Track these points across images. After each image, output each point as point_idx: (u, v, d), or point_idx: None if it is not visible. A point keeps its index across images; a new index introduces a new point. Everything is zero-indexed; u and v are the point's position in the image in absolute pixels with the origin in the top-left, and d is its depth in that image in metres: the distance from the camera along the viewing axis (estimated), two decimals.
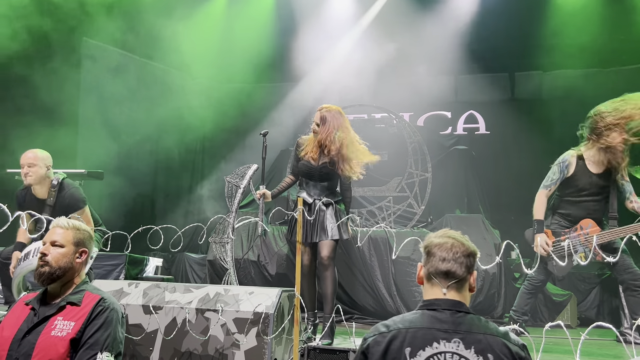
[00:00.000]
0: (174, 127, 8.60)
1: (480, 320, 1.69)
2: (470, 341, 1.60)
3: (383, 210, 6.68)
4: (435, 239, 1.80)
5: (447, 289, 1.72)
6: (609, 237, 3.60)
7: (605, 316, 6.01)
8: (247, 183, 3.84)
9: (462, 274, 1.74)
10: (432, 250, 1.78)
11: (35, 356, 2.04)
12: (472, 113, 8.73)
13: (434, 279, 1.74)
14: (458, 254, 1.75)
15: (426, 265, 1.79)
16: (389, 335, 1.65)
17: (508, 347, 1.61)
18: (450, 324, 1.65)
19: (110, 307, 2.20)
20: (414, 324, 1.66)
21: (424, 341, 1.61)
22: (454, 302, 1.71)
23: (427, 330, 1.63)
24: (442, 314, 1.68)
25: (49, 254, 2.23)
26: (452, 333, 1.62)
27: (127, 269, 5.40)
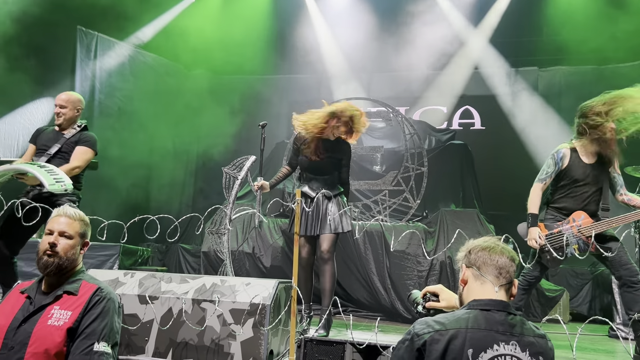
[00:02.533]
0: (169, 117, 8.55)
1: (527, 323, 1.73)
2: (525, 344, 1.64)
3: (378, 204, 6.69)
4: (484, 243, 1.83)
5: (499, 288, 1.74)
6: (601, 228, 3.62)
7: (597, 312, 6.05)
8: (244, 174, 3.82)
9: (511, 276, 1.78)
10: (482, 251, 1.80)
11: (32, 345, 2.02)
12: (467, 108, 8.75)
13: (485, 276, 1.76)
14: (509, 258, 1.79)
15: (477, 264, 1.79)
16: (448, 334, 1.64)
17: (551, 348, 1.69)
18: (507, 325, 1.67)
19: (108, 297, 2.18)
20: (472, 325, 1.67)
21: (485, 343, 1.63)
22: (505, 304, 1.74)
23: (487, 332, 1.65)
24: (497, 315, 1.69)
25: (58, 245, 2.21)
26: (509, 335, 1.65)
27: (120, 260, 5.38)
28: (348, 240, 5.53)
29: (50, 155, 3.85)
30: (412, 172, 6.64)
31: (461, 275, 1.85)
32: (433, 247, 5.45)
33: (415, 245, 5.37)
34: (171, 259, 7.30)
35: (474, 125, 8.69)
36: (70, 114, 4.00)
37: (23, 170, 3.51)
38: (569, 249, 3.70)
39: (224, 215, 3.84)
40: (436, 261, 5.30)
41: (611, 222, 3.63)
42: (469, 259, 1.83)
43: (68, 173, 3.67)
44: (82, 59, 7.34)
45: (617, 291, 4.88)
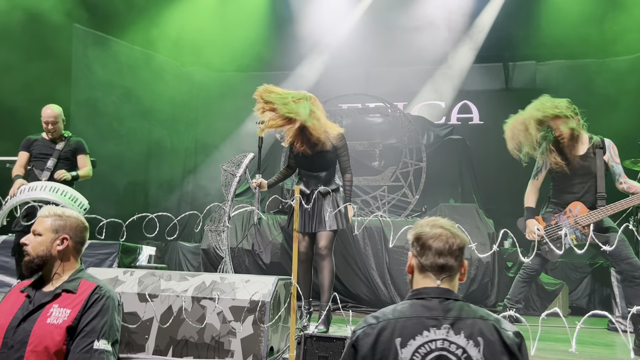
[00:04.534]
0: (166, 115, 8.54)
1: (470, 307, 1.67)
2: (459, 326, 1.59)
3: (377, 200, 6.69)
4: (429, 229, 1.74)
5: (441, 281, 1.70)
6: (597, 217, 3.63)
7: (596, 305, 6.07)
8: (243, 171, 3.82)
9: (457, 267, 1.73)
10: (427, 242, 1.72)
11: (31, 344, 2.02)
12: (466, 103, 8.74)
13: (428, 272, 1.71)
14: (454, 247, 1.71)
15: (420, 258, 1.73)
16: (378, 326, 1.63)
17: (499, 332, 1.60)
18: (440, 311, 1.63)
19: (107, 295, 2.17)
20: (404, 314, 1.65)
21: (414, 330, 1.60)
22: (443, 290, 1.69)
23: (417, 319, 1.62)
24: (431, 302, 1.66)
25: (29, 244, 2.21)
26: (441, 320, 1.61)
27: (120, 258, 5.38)
28: (347, 236, 5.53)
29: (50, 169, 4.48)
30: (411, 168, 6.64)
31: (408, 262, 1.80)
32: None
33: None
34: (171, 257, 7.30)
35: (472, 120, 8.69)
36: (60, 127, 4.60)
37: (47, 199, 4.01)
38: (566, 239, 3.71)
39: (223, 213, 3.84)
40: None
41: (607, 209, 3.63)
42: (415, 247, 1.76)
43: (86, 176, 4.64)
44: (78, 57, 7.31)
45: (616, 284, 4.89)
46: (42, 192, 4.07)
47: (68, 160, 4.62)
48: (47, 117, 4.54)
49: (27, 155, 4.60)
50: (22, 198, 4.10)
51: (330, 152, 3.90)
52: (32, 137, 4.68)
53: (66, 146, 4.63)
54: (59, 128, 4.58)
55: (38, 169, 4.53)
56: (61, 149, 4.60)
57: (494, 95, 8.44)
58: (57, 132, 4.59)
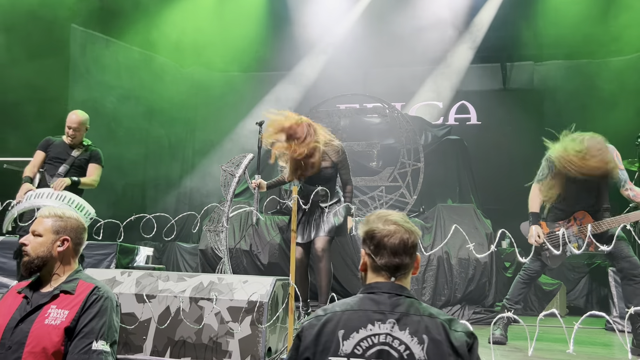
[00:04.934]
0: (164, 115, 8.53)
1: (420, 304, 1.62)
2: (405, 322, 1.55)
3: (375, 200, 6.69)
4: (382, 226, 1.67)
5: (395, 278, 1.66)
6: (602, 227, 3.62)
7: (594, 305, 6.08)
8: (242, 172, 3.82)
9: (411, 265, 1.68)
10: (381, 241, 1.65)
11: (29, 345, 2.02)
12: (463, 103, 8.76)
13: (382, 271, 1.66)
14: (409, 245, 1.66)
15: (375, 257, 1.66)
16: (324, 318, 1.60)
17: (447, 331, 1.54)
18: (387, 305, 1.59)
19: (105, 296, 2.17)
20: (351, 307, 1.61)
21: (359, 323, 1.56)
22: (396, 286, 1.64)
23: (364, 312, 1.58)
24: (380, 296, 1.61)
25: (28, 244, 2.20)
26: (387, 314, 1.56)
27: (117, 258, 5.36)
28: (345, 237, 5.53)
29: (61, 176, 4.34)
30: (409, 168, 6.64)
31: (362, 261, 1.73)
32: (430, 242, 5.45)
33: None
34: (169, 258, 7.29)
35: (470, 120, 8.70)
36: (81, 135, 4.50)
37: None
38: (568, 247, 3.70)
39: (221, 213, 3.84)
40: (433, 256, 5.31)
41: (611, 222, 3.62)
42: (368, 246, 1.69)
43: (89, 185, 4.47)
44: (76, 57, 7.30)
45: (614, 284, 4.90)
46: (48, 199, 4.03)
47: (81, 168, 4.49)
48: (70, 122, 4.43)
49: (42, 156, 4.47)
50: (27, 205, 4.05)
51: (329, 168, 3.96)
52: (52, 138, 4.57)
53: (82, 154, 4.51)
54: (80, 136, 4.48)
55: (49, 173, 4.42)
56: (76, 157, 4.48)
57: (491, 96, 8.45)
58: (77, 139, 4.48)
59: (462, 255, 5.29)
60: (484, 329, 4.50)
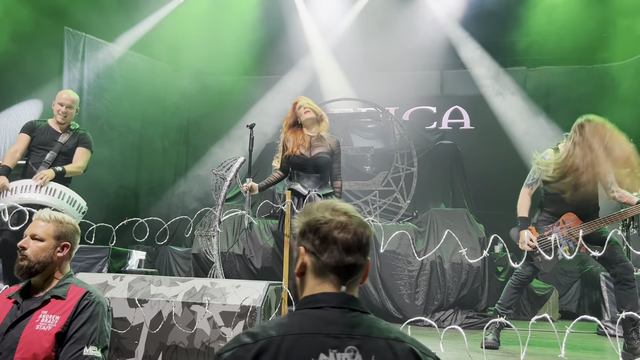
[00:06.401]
0: (158, 119, 8.51)
1: (380, 322, 1.26)
2: (369, 349, 1.18)
3: (369, 204, 6.69)
4: (330, 215, 1.29)
5: (346, 287, 1.28)
6: (591, 228, 3.64)
7: (586, 309, 6.11)
8: (233, 176, 3.81)
9: (364, 265, 1.31)
10: (330, 234, 1.27)
11: (20, 350, 2.00)
12: (457, 108, 8.79)
13: (330, 274, 1.27)
14: (364, 240, 1.29)
15: (321, 255, 1.27)
16: (256, 347, 1.17)
17: (417, 357, 1.21)
18: (343, 326, 1.20)
19: (96, 301, 2.16)
20: (292, 330, 1.20)
21: (308, 352, 1.16)
22: (348, 298, 1.27)
23: (312, 337, 1.18)
24: (330, 312, 1.23)
25: (28, 248, 2.18)
26: (345, 339, 1.18)
27: (110, 262, 5.33)
28: None
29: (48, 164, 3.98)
30: (402, 172, 6.65)
31: (299, 262, 1.31)
32: (423, 247, 5.46)
33: (406, 245, 5.39)
34: (161, 261, 7.26)
35: (463, 125, 8.74)
36: (72, 115, 4.15)
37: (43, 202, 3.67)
38: (559, 250, 3.71)
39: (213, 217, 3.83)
40: (426, 261, 5.32)
41: (600, 222, 3.64)
42: (310, 240, 1.30)
43: (75, 173, 4.06)
44: (70, 60, 7.28)
45: (606, 289, 4.93)
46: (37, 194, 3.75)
47: (68, 156, 4.10)
48: (62, 99, 4.08)
49: (27, 139, 4.05)
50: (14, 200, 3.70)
51: (326, 154, 3.95)
52: (36, 122, 4.17)
53: (70, 139, 4.12)
54: (71, 115, 4.11)
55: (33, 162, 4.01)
56: (64, 142, 4.08)
57: (484, 101, 8.49)
58: (68, 119, 4.11)
59: (455, 260, 5.30)
60: (476, 333, 4.51)
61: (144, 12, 8.06)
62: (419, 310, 5.18)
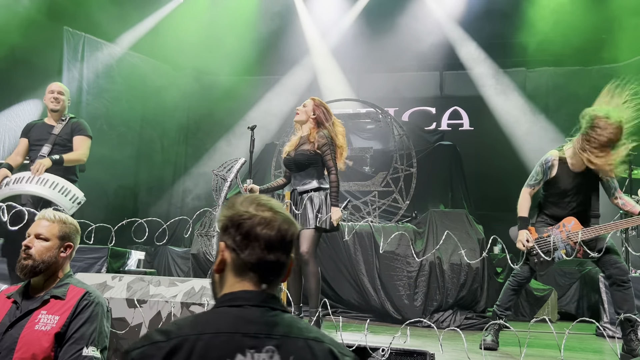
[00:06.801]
0: (157, 119, 8.51)
1: (300, 322, 1.24)
2: (288, 349, 1.15)
3: (368, 205, 6.69)
4: (254, 211, 1.25)
5: (267, 285, 1.25)
6: (591, 234, 3.63)
7: (585, 311, 6.11)
8: (234, 176, 3.81)
9: (287, 263, 1.28)
10: (253, 230, 1.23)
11: (19, 350, 2.00)
12: (456, 109, 8.80)
13: (250, 272, 1.23)
14: (288, 238, 1.25)
15: (242, 251, 1.23)
16: (168, 345, 1.12)
17: (336, 357, 1.19)
18: (262, 325, 1.17)
19: (96, 301, 2.16)
20: (209, 328, 1.15)
21: (223, 352, 1.12)
22: (268, 296, 1.24)
23: (229, 336, 1.14)
24: (250, 311, 1.20)
25: (32, 247, 2.18)
26: (263, 339, 1.15)
27: (109, 262, 5.32)
28: (338, 241, 5.53)
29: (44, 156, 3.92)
30: (401, 173, 6.65)
31: (218, 257, 1.27)
32: (422, 247, 5.46)
33: (405, 246, 5.39)
34: (160, 262, 7.26)
35: (462, 126, 8.74)
36: (65, 102, 4.14)
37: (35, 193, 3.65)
38: (557, 253, 3.72)
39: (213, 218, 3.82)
40: (425, 262, 5.32)
41: (600, 229, 3.63)
42: (231, 236, 1.25)
43: (76, 161, 4.02)
44: (69, 60, 7.28)
45: (604, 290, 4.93)
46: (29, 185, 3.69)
47: (65, 146, 4.04)
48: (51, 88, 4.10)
49: (25, 143, 4.07)
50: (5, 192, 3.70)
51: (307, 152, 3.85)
52: (33, 122, 4.19)
53: (64, 129, 4.08)
54: (64, 102, 4.11)
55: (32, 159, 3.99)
56: (58, 133, 4.04)
57: (484, 102, 8.49)
58: (62, 106, 4.10)
59: (454, 261, 5.30)
60: (475, 334, 4.51)
61: (144, 12, 8.06)
62: (418, 311, 5.17)
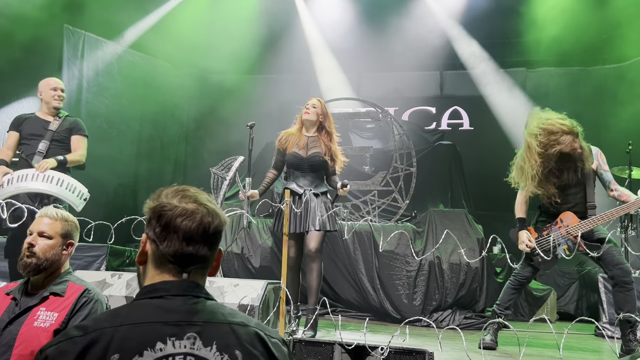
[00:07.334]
0: (157, 117, 8.51)
1: (224, 308, 1.22)
2: (211, 335, 1.14)
3: (367, 204, 6.69)
4: (177, 202, 1.23)
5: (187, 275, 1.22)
6: (588, 226, 3.64)
7: (584, 311, 6.11)
8: (233, 175, 3.81)
9: (210, 258, 1.26)
10: (172, 222, 1.21)
11: (18, 347, 2.00)
12: (456, 109, 8.80)
13: (169, 264, 1.21)
14: (210, 230, 1.23)
15: (161, 243, 1.21)
16: (85, 340, 1.09)
17: (263, 340, 1.18)
18: (183, 313, 1.15)
19: (95, 299, 2.16)
20: (128, 320, 1.12)
21: (142, 342, 1.09)
22: (190, 285, 1.21)
23: (149, 326, 1.12)
24: (171, 301, 1.17)
25: (36, 245, 2.18)
26: (184, 326, 1.13)
27: (108, 261, 5.33)
28: (337, 241, 5.53)
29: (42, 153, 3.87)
30: (401, 173, 6.65)
31: (140, 249, 1.26)
32: (422, 247, 5.46)
33: (404, 245, 5.39)
34: None
35: (462, 126, 8.75)
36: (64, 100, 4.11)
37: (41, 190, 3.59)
38: (559, 250, 3.72)
39: None
40: (425, 261, 5.32)
41: (597, 219, 3.64)
42: (152, 227, 1.23)
43: (77, 162, 3.98)
44: (69, 57, 7.27)
45: (604, 291, 4.93)
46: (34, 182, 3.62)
47: (63, 143, 4.00)
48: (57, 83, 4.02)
49: (16, 136, 3.98)
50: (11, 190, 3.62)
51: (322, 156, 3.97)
52: (24, 115, 4.09)
53: (61, 126, 4.02)
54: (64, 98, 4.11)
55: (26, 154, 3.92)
56: (55, 130, 3.97)
57: (484, 102, 8.49)
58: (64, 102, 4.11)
59: (454, 260, 5.30)
60: (474, 334, 4.51)
61: (145, 10, 8.05)
62: (417, 310, 5.17)
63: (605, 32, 7.63)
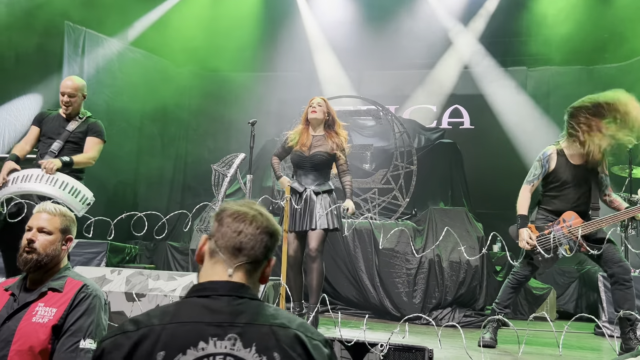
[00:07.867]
0: (157, 114, 8.51)
1: (268, 309, 1.25)
2: (251, 337, 1.17)
3: (368, 202, 6.69)
4: (234, 206, 1.34)
5: (233, 270, 1.27)
6: (591, 228, 3.63)
7: (584, 309, 6.11)
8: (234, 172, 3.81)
9: (258, 254, 1.30)
10: (226, 218, 1.31)
11: (16, 342, 2.00)
12: (457, 107, 8.80)
13: (219, 254, 1.28)
14: (260, 229, 1.31)
15: (214, 237, 1.31)
16: (137, 334, 1.17)
17: (303, 342, 1.20)
18: (227, 314, 1.20)
19: (93, 294, 2.16)
20: (175, 318, 1.19)
21: (186, 341, 1.15)
22: (236, 285, 1.26)
23: (194, 325, 1.17)
24: (217, 301, 1.22)
25: (36, 241, 2.17)
26: (227, 327, 1.17)
27: (108, 257, 5.33)
28: (337, 238, 5.53)
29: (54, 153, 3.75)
30: (402, 171, 6.65)
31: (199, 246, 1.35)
32: (422, 245, 5.46)
33: (404, 243, 5.39)
34: (159, 257, 7.25)
35: (463, 124, 8.74)
36: (78, 102, 3.87)
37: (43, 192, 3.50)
38: (560, 249, 3.71)
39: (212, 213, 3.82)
40: (425, 259, 5.32)
41: (601, 221, 3.63)
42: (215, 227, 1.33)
43: (85, 164, 3.81)
44: (70, 54, 7.26)
45: (603, 289, 4.92)
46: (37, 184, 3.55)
47: (77, 144, 3.85)
48: (64, 88, 3.81)
49: (37, 131, 3.86)
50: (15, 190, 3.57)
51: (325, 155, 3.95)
52: (47, 111, 3.97)
53: (79, 127, 3.86)
54: (76, 104, 3.84)
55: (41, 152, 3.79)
56: (72, 131, 3.82)
57: (485, 101, 8.48)
58: (74, 109, 3.84)
59: (454, 259, 5.30)
60: (474, 332, 4.51)
61: (146, 7, 8.05)
62: (417, 308, 5.17)
63: (606, 31, 7.62)
